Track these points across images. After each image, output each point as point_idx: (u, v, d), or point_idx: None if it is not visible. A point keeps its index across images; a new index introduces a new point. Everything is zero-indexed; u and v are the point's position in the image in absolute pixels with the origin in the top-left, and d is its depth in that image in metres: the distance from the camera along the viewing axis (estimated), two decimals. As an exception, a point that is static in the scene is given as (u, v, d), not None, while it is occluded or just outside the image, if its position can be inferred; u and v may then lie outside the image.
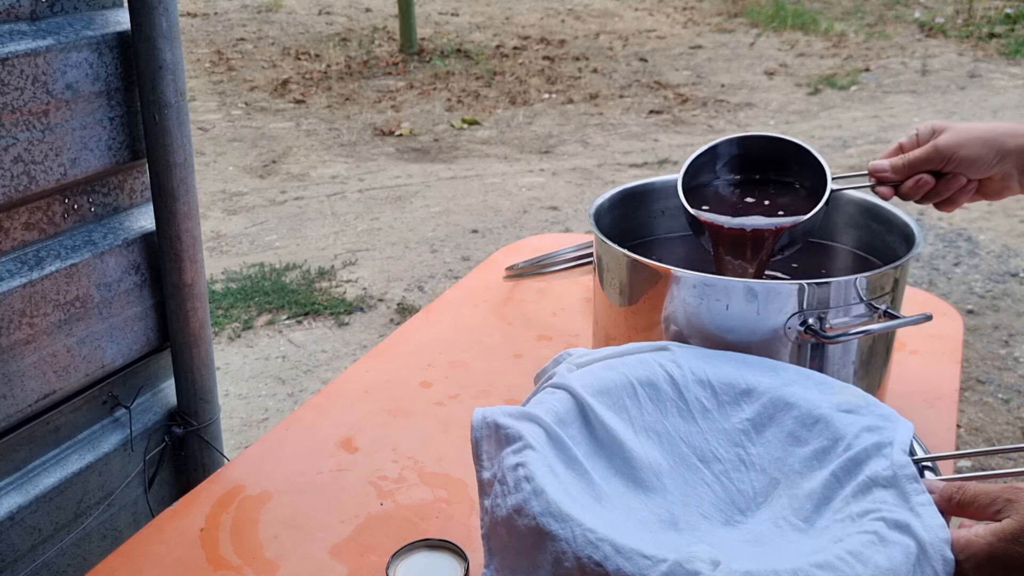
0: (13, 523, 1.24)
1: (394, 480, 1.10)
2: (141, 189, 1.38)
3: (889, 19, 8.40)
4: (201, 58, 7.22)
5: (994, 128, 1.04)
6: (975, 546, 0.73)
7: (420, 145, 5.49)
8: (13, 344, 1.19)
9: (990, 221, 4.22)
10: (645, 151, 5.32)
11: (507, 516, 0.80)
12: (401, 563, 0.92)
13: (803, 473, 0.88)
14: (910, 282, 1.24)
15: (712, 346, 1.02)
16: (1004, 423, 2.83)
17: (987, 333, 3.32)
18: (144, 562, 0.98)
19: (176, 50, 1.30)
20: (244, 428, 2.85)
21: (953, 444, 1.16)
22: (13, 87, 1.13)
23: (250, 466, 1.14)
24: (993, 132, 1.04)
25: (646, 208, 1.30)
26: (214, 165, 5.15)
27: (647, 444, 0.92)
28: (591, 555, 0.73)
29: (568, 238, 1.71)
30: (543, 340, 1.42)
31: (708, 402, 0.95)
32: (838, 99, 6.22)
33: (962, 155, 1.03)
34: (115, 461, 1.39)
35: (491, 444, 0.86)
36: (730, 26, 8.29)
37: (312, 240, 4.16)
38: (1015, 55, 7.07)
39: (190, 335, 1.43)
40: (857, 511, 0.79)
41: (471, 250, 4.02)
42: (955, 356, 1.37)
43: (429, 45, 7.53)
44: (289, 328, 3.41)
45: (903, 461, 0.82)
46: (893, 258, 1.12)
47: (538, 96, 6.39)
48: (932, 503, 0.78)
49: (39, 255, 1.23)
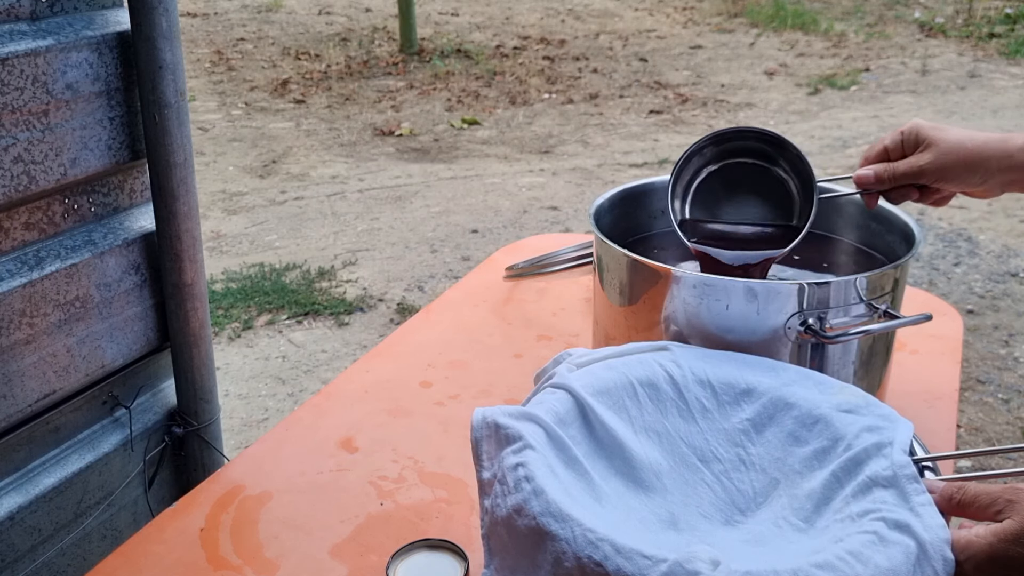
0: (13, 523, 1.24)
1: (394, 480, 1.10)
2: (141, 189, 1.38)
3: (889, 19, 8.40)
4: (201, 58, 7.22)
5: (981, 148, 1.02)
6: (975, 546, 0.73)
7: (420, 145, 5.49)
8: (13, 344, 1.19)
9: (990, 221, 4.22)
10: (645, 151, 5.32)
11: (507, 516, 0.80)
12: (401, 563, 0.92)
13: (803, 473, 0.88)
14: (910, 282, 1.24)
15: (712, 346, 1.02)
16: (1004, 423, 2.83)
17: (987, 333, 3.32)
18: (144, 562, 0.98)
19: (176, 50, 1.30)
20: (244, 428, 2.85)
21: (953, 444, 1.16)
22: (13, 87, 1.13)
23: (250, 466, 1.14)
24: (980, 154, 1.02)
25: (646, 208, 1.30)
26: (214, 165, 5.15)
27: (647, 444, 0.92)
28: (591, 555, 0.73)
29: (568, 238, 1.71)
30: (543, 340, 1.42)
31: (708, 402, 0.95)
32: (838, 99, 6.22)
33: (946, 177, 1.04)
34: (115, 461, 1.39)
35: (491, 444, 0.86)
36: (730, 26, 8.29)
37: (312, 240, 4.16)
38: (1015, 55, 7.07)
39: (190, 335, 1.43)
40: (857, 511, 0.79)
41: (471, 250, 4.02)
42: (955, 356, 1.37)
43: (429, 45, 7.53)
44: (289, 328, 3.41)
45: (903, 461, 0.82)
46: (893, 258, 1.12)
47: (538, 96, 6.39)
48: (932, 503, 0.78)
49: (39, 255, 1.23)
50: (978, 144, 1.02)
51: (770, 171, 1.15)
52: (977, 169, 1.02)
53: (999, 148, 1.01)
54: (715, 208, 1.18)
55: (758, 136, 1.14)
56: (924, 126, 1.06)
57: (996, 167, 1.02)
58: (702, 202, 1.18)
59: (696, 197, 1.18)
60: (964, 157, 1.02)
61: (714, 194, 1.18)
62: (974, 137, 1.03)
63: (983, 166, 1.02)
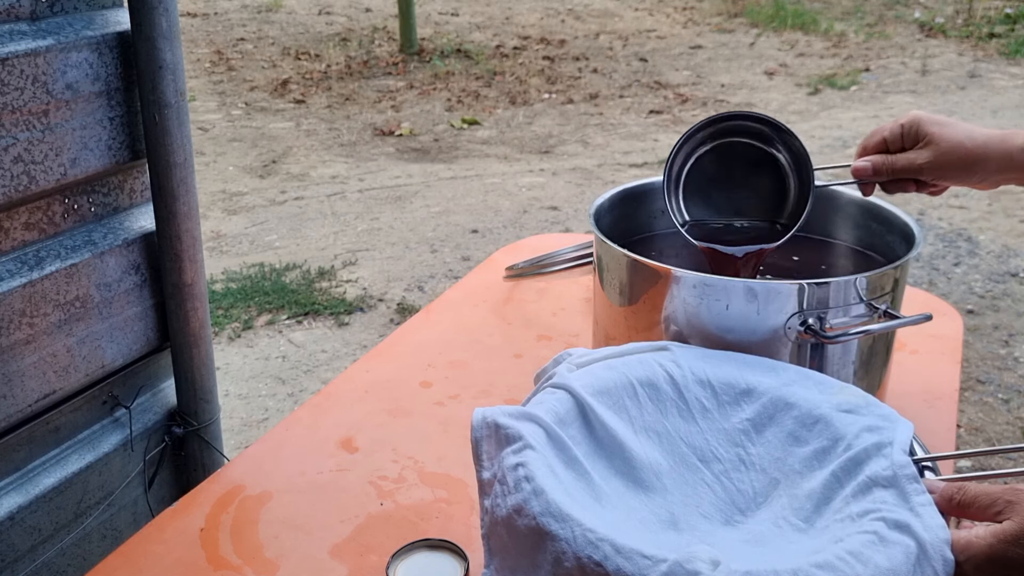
0: (13, 523, 1.24)
1: (394, 480, 1.10)
2: (141, 189, 1.38)
3: (889, 19, 8.40)
4: (201, 58, 7.22)
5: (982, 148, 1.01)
6: (975, 547, 0.73)
7: (420, 145, 5.49)
8: (13, 344, 1.19)
9: (990, 221, 4.22)
10: (645, 151, 5.32)
11: (507, 516, 0.80)
12: (401, 563, 0.92)
13: (803, 473, 0.88)
14: (910, 282, 1.24)
15: (712, 346, 1.02)
16: (1004, 423, 2.83)
17: (987, 333, 3.32)
18: (144, 562, 0.98)
19: (176, 50, 1.30)
20: (244, 428, 2.85)
21: (953, 444, 1.16)
22: (13, 87, 1.13)
23: (250, 466, 1.14)
24: (980, 154, 1.01)
25: (646, 208, 1.30)
26: (214, 165, 5.15)
27: (647, 444, 0.92)
28: (591, 555, 0.73)
29: (568, 238, 1.71)
30: (543, 340, 1.42)
31: (708, 402, 0.95)
32: (838, 99, 6.22)
33: (945, 175, 1.04)
34: (115, 461, 1.39)
35: (491, 444, 0.86)
36: (730, 26, 8.29)
37: (312, 240, 4.16)
38: (1015, 55, 7.07)
39: (190, 335, 1.43)
40: (857, 511, 0.79)
41: (471, 250, 4.02)
42: (955, 356, 1.37)
43: (429, 45, 7.53)
44: (289, 328, 3.41)
45: (903, 461, 0.82)
46: (893, 258, 1.12)
47: (538, 96, 6.39)
48: (932, 503, 0.78)
49: (39, 255, 1.23)
50: (978, 144, 1.01)
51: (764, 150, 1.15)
52: (976, 169, 1.02)
53: (999, 148, 1.01)
54: (708, 191, 1.18)
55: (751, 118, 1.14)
56: (924, 120, 1.04)
57: (995, 167, 1.02)
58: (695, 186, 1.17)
59: (689, 180, 1.17)
60: (963, 156, 1.02)
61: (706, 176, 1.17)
62: (973, 136, 1.02)
63: (982, 166, 1.02)
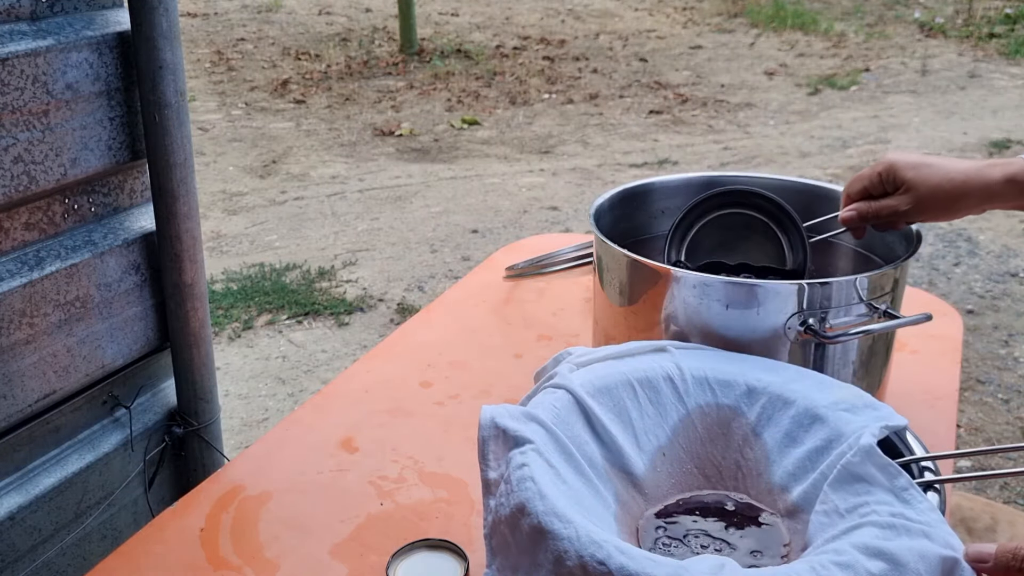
0: (13, 523, 1.24)
1: (394, 480, 1.10)
2: (141, 189, 1.38)
3: (889, 19, 8.40)
4: (201, 58, 7.22)
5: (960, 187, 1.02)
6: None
7: (420, 145, 5.49)
8: (13, 344, 1.19)
9: (990, 221, 4.22)
10: (645, 151, 5.32)
11: (510, 515, 0.80)
12: (401, 563, 0.92)
13: (801, 472, 0.88)
14: (910, 282, 1.24)
15: (712, 346, 1.02)
16: (1004, 423, 2.83)
17: (987, 333, 3.32)
18: (144, 562, 0.98)
19: (176, 50, 1.30)
20: (244, 428, 2.85)
21: (953, 444, 1.16)
22: (13, 87, 1.13)
23: (250, 466, 1.14)
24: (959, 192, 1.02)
25: (646, 208, 1.30)
26: (214, 165, 5.15)
27: (647, 444, 0.92)
28: (594, 554, 0.73)
29: (568, 238, 1.71)
30: (543, 340, 1.42)
31: (707, 403, 0.95)
32: (838, 99, 6.22)
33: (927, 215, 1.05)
34: (115, 461, 1.39)
35: (498, 444, 0.86)
36: (730, 26, 8.29)
37: (312, 240, 4.16)
38: (1015, 55, 7.07)
39: (190, 335, 1.43)
40: (845, 508, 0.79)
41: (471, 250, 4.02)
42: (955, 356, 1.37)
43: (429, 45, 7.53)
44: (289, 328, 3.41)
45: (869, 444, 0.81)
46: (893, 258, 1.12)
47: (538, 96, 6.39)
48: (926, 498, 0.78)
49: (39, 255, 1.23)
50: (956, 185, 1.02)
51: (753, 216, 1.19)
52: (959, 207, 1.04)
53: (978, 182, 1.01)
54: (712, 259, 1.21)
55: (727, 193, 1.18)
56: (900, 166, 1.05)
57: (976, 201, 1.03)
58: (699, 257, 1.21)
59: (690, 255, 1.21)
60: (944, 198, 1.03)
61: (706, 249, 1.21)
62: (951, 176, 1.02)
63: (963, 203, 1.03)
